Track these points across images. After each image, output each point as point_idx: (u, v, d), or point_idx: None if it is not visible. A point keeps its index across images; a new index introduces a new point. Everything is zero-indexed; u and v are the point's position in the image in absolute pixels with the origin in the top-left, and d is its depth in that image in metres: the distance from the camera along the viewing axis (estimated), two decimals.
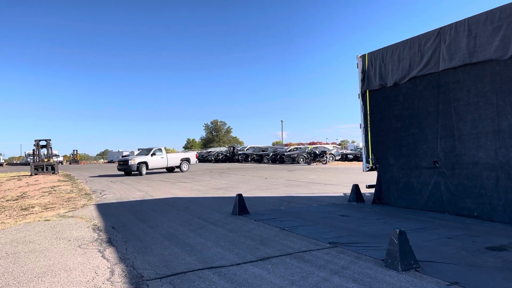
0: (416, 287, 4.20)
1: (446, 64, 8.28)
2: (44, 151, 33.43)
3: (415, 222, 7.67)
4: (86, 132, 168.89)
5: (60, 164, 63.31)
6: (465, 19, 7.93)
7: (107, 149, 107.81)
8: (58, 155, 65.29)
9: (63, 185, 19.85)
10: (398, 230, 4.78)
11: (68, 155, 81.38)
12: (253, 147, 51.16)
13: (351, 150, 46.26)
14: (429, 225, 7.36)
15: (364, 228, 7.29)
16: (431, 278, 4.46)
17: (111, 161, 77.35)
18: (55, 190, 16.88)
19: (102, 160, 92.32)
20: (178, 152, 76.42)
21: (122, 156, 73.18)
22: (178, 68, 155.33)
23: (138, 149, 77.33)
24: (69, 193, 15.73)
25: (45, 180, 24.09)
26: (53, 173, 30.95)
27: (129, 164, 26.18)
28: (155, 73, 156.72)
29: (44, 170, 31.15)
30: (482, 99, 7.70)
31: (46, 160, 32.49)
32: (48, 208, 11.34)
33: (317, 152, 37.09)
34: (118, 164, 27.68)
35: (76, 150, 75.65)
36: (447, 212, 8.47)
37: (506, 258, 5.15)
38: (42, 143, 32.98)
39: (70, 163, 71.47)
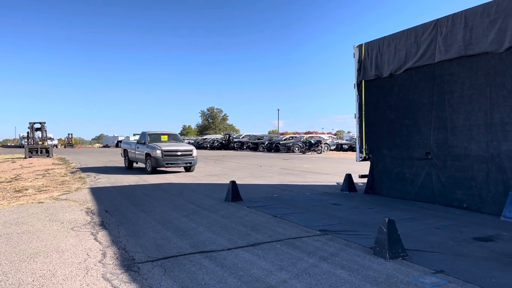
0: (402, 274, 4.29)
1: (442, 56, 8.30)
2: (38, 134, 33.26)
3: (406, 212, 7.77)
4: (81, 116, 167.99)
5: (55, 147, 63.12)
6: (462, 11, 7.93)
7: (102, 134, 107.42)
8: (53, 139, 64.98)
9: (57, 168, 19.83)
10: (387, 219, 4.86)
11: (63, 138, 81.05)
12: (249, 135, 51.15)
13: (347, 140, 46.36)
14: (419, 215, 7.46)
15: (354, 217, 7.38)
16: (417, 266, 4.55)
17: (106, 146, 77.16)
18: (49, 173, 16.87)
19: (97, 144, 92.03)
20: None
21: (119, 141, 73.37)
22: (175, 54, 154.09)
23: (134, 134, 77.18)
24: (63, 176, 15.73)
25: (40, 163, 24.03)
26: (47, 156, 30.87)
27: (193, 156, 16.93)
28: (152, 58, 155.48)
29: (39, 153, 31.06)
30: (476, 91, 7.75)
31: (40, 143, 32.35)
32: (41, 191, 11.36)
33: (312, 141, 37.17)
34: (166, 156, 16.15)
35: (71, 134, 75.25)
36: (438, 203, 8.57)
37: (492, 249, 5.25)
38: (37, 126, 32.78)
39: (65, 147, 71.17)
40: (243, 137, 50.77)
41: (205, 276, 4.32)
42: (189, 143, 32.73)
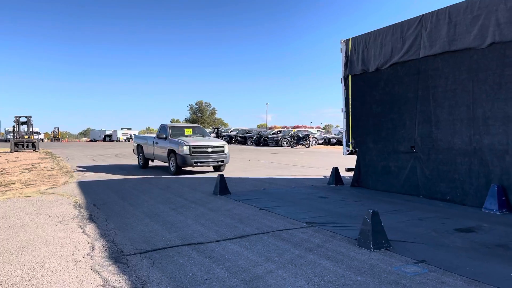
0: (385, 264, 4.42)
1: (427, 51, 8.45)
2: (24, 127, 32.82)
3: (390, 205, 7.93)
4: (67, 110, 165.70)
5: (41, 141, 62.36)
6: (446, 7, 8.07)
7: (89, 128, 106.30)
8: (39, 133, 64.14)
9: (44, 162, 19.65)
10: (371, 211, 4.98)
11: (49, 132, 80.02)
12: (238, 129, 51.20)
13: (335, 134, 46.66)
14: (403, 208, 7.63)
15: (341, 210, 7.51)
16: (400, 256, 4.69)
17: (93, 140, 76.42)
18: (36, 167, 16.72)
19: (84, 138, 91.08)
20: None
21: (107, 135, 72.74)
22: (163, 47, 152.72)
23: (121, 128, 76.54)
24: (50, 170, 15.61)
25: (26, 157, 23.76)
26: (34, 151, 30.51)
27: (226, 153, 14.42)
28: (139, 51, 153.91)
29: (25, 147, 30.67)
30: (459, 86, 7.91)
31: (26, 137, 31.94)
32: (28, 185, 11.28)
33: (300, 135, 37.37)
34: (195, 153, 13.57)
35: (58, 128, 74.29)
36: (422, 195, 8.75)
37: (472, 239, 5.41)
38: (23, 119, 32.35)
39: (51, 141, 70.29)
40: (231, 131, 50.80)
41: (193, 267, 4.40)
42: None
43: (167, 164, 14.75)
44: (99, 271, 4.29)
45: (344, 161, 16.63)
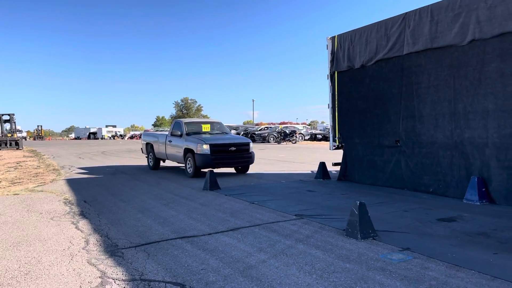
0: (372, 252, 4.63)
1: (410, 48, 8.70)
2: (7, 126, 32.34)
3: (376, 197, 8.17)
4: (49, 108, 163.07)
5: (24, 139, 61.40)
6: (428, 5, 8.32)
7: (73, 125, 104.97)
8: (22, 131, 63.13)
9: (29, 160, 19.46)
10: (358, 202, 5.18)
11: (32, 131, 78.74)
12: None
13: (320, 130, 47.10)
14: (389, 200, 7.88)
15: (328, 202, 7.72)
16: (386, 245, 4.90)
17: (78, 138, 75.52)
18: (21, 166, 16.58)
19: (67, 136, 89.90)
20: (148, 130, 75.32)
21: (91, 133, 71.83)
22: (147, 44, 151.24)
23: (106, 126, 75.74)
24: (36, 168, 15.50)
25: (10, 155, 23.46)
26: (17, 149, 30.10)
27: (251, 152, 12.71)
28: (122, 47, 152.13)
29: (8, 145, 30.23)
30: (441, 82, 8.18)
31: (9, 135, 31.48)
32: (15, 183, 11.23)
33: (287, 131, 37.65)
34: (216, 152, 11.78)
35: (41, 126, 73.14)
36: (406, 188, 9.03)
37: (454, 228, 5.67)
38: (5, 117, 31.87)
39: (34, 139, 69.24)
40: None
41: (188, 259, 4.53)
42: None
43: (180, 165, 13.19)
44: (96, 264, 4.40)
45: (331, 156, 16.89)
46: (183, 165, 13.02)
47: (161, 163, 15.20)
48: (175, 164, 15.64)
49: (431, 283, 3.69)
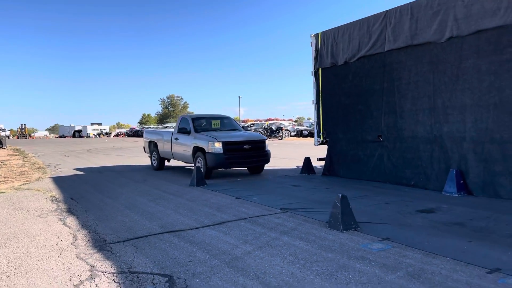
0: (353, 242, 4.81)
1: (391, 45, 8.93)
2: None
3: (359, 191, 8.39)
4: (33, 106, 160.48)
5: (7, 138, 60.43)
6: (409, 3, 8.55)
7: (57, 124, 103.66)
8: (4, 129, 62.11)
9: (14, 159, 19.27)
10: (340, 195, 5.37)
11: (15, 129, 77.45)
12: None
13: (306, 126, 47.42)
14: (371, 193, 8.10)
15: (313, 196, 7.91)
16: (367, 235, 5.10)
17: (62, 136, 74.60)
18: (6, 164, 16.42)
19: (52, 134, 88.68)
20: (134, 127, 74.73)
21: (76, 131, 71.03)
22: (132, 41, 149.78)
23: (91, 124, 75.04)
24: (21, 167, 15.39)
25: None
26: (1, 148, 29.68)
27: (267, 150, 11.55)
28: (107, 45, 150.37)
29: None
30: (421, 78, 8.42)
31: None
32: (0, 182, 11.16)
33: (273, 128, 37.89)
34: (229, 150, 10.69)
35: (24, 124, 72.04)
36: (389, 181, 9.27)
37: (431, 219, 5.90)
38: None
39: (17, 138, 68.18)
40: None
41: (175, 251, 4.66)
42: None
43: (187, 165, 12.10)
44: (85, 259, 4.49)
45: (316, 152, 17.12)
46: (190, 165, 11.71)
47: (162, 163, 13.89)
48: (180, 163, 14.85)
49: (408, 270, 3.88)
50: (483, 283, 3.53)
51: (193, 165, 11.49)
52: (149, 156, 14.43)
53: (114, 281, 3.81)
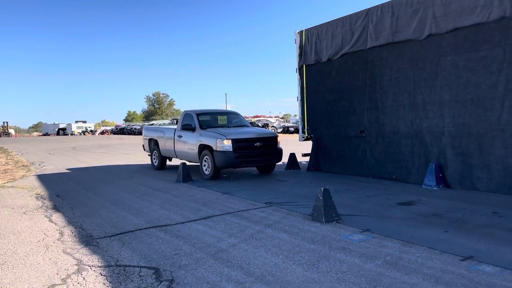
0: (335, 234, 4.98)
1: (373, 42, 9.12)
2: None
3: (342, 185, 8.57)
4: (15, 104, 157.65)
5: None
6: (390, 1, 8.74)
7: (40, 122, 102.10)
8: None
9: None
10: (322, 189, 5.53)
11: None
12: None
13: (293, 123, 47.61)
14: (354, 187, 8.29)
15: (297, 191, 8.07)
16: (348, 227, 5.26)
17: (46, 134, 73.55)
18: None
19: (36, 133, 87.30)
20: (119, 124, 74.12)
21: (60, 129, 70.02)
22: (116, 37, 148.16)
23: (76, 121, 74.11)
24: (4, 165, 15.23)
25: None
26: None
27: (279, 148, 10.78)
28: (90, 40, 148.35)
29: None
30: (402, 75, 8.63)
31: None
32: None
33: (259, 124, 38.05)
34: (239, 148, 9.86)
35: (7, 122, 70.78)
36: (372, 176, 9.48)
37: (411, 211, 6.10)
38: None
39: (0, 136, 66.99)
40: None
41: (162, 245, 4.75)
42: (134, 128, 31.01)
43: (192, 164, 11.38)
44: (72, 253, 4.56)
45: (301, 148, 17.31)
46: (195, 163, 11.33)
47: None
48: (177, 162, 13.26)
49: (386, 259, 4.05)
50: (456, 269, 3.71)
51: (195, 163, 11.17)
52: (148, 155, 13.47)
53: (101, 274, 3.89)
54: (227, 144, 9.60)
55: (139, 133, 55.30)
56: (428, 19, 7.95)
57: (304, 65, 11.32)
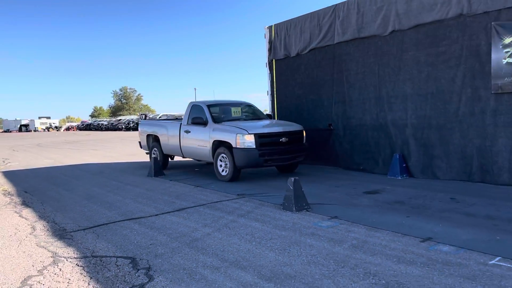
0: (305, 221, 5.21)
1: (340, 38, 9.41)
2: None
3: (313, 177, 8.85)
4: None
5: None
6: None
7: (0, 118, 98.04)
8: None
9: None
10: (293, 179, 5.75)
11: None
12: (166, 114, 50.39)
13: None
14: (323, 178, 8.58)
15: (269, 182, 8.28)
16: (317, 215, 5.51)
17: (7, 130, 70.77)
18: None
19: None
20: (85, 120, 72.28)
21: (23, 125, 67.53)
22: (81, 31, 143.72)
23: (39, 117, 71.64)
24: None
25: None
26: None
27: (305, 143, 9.34)
28: (54, 32, 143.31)
29: None
30: (367, 69, 8.97)
31: None
32: None
33: None
34: (264, 145, 8.36)
35: None
36: (341, 167, 9.81)
37: (376, 199, 6.43)
38: None
39: None
40: (160, 117, 49.97)
41: (137, 236, 4.84)
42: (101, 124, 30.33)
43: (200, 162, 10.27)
44: (46, 247, 4.58)
45: None
46: (202, 161, 10.19)
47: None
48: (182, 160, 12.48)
49: (353, 242, 4.31)
50: (416, 250, 4.01)
51: (203, 162, 10.10)
52: (147, 153, 12.00)
53: (78, 265, 3.95)
54: (249, 140, 8.21)
55: (107, 128, 54.25)
56: (392, 16, 8.30)
57: (273, 60, 11.52)
